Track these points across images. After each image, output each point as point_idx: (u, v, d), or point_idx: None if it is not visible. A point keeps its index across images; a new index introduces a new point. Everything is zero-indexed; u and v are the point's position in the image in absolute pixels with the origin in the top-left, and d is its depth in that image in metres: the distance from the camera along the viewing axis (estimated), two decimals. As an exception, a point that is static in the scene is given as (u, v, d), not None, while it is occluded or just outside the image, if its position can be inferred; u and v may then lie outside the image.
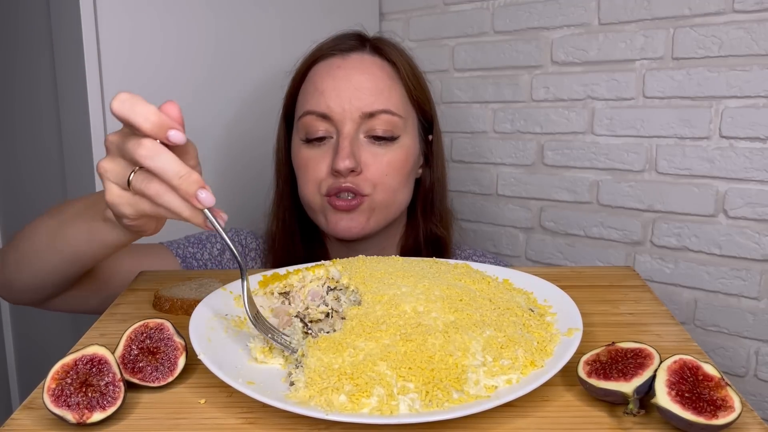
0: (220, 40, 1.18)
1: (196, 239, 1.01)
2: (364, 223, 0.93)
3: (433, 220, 1.01)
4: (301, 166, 0.95)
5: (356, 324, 0.55)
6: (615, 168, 1.19)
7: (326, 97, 0.91)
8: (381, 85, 0.92)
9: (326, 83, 0.91)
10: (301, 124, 0.94)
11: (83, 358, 0.51)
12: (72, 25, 1.02)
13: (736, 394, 0.46)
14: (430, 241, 1.01)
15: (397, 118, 0.92)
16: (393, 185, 0.93)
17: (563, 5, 1.21)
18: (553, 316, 0.61)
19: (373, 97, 0.91)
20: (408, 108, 0.95)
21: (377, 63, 0.94)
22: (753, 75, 1.03)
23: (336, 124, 0.91)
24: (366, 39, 0.97)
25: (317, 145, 0.92)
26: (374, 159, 0.91)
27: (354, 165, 0.89)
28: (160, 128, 0.55)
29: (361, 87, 0.90)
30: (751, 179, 1.05)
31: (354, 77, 0.91)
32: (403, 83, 0.94)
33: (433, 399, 0.48)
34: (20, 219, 1.34)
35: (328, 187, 0.91)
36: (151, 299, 0.73)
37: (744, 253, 1.07)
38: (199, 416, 0.50)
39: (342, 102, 0.90)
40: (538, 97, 1.27)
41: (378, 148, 0.92)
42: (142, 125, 0.55)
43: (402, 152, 0.93)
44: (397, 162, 0.93)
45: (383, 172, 0.92)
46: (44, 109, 1.16)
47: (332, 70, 0.92)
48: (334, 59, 0.94)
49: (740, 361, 1.10)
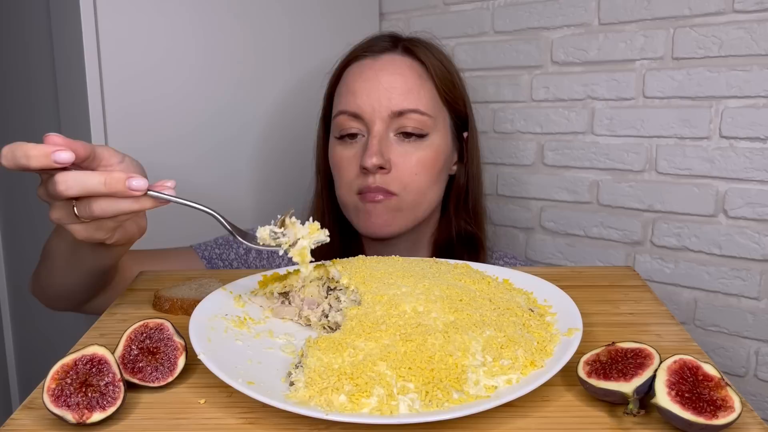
0: (219, 40, 1.18)
1: (224, 240, 1.04)
2: (392, 222, 0.94)
3: (466, 218, 1.02)
4: (335, 164, 0.98)
5: (356, 324, 0.55)
6: (615, 168, 1.19)
7: (357, 97, 0.94)
8: (410, 84, 0.93)
9: (357, 84, 0.95)
10: (335, 123, 0.97)
11: (83, 358, 0.51)
12: (72, 25, 1.02)
13: (736, 394, 0.46)
14: (464, 239, 1.01)
15: (427, 117, 0.94)
16: (422, 185, 0.94)
17: (563, 5, 1.21)
18: (553, 316, 0.61)
19: (403, 96, 0.92)
20: (438, 107, 0.96)
21: (407, 63, 0.95)
22: (753, 75, 1.03)
23: (367, 123, 0.94)
24: (399, 40, 0.99)
25: (350, 142, 0.95)
26: (404, 157, 0.93)
27: (382, 162, 0.91)
28: (45, 158, 0.57)
29: (390, 87, 0.93)
30: (751, 179, 1.05)
31: (384, 78, 0.93)
32: (433, 83, 0.96)
33: (433, 399, 0.48)
34: (20, 220, 1.34)
35: (359, 186, 0.94)
36: (151, 299, 0.73)
37: (744, 253, 1.07)
38: (199, 416, 0.50)
39: (372, 102, 0.93)
40: (538, 97, 1.27)
41: (407, 146, 0.93)
42: (30, 164, 0.57)
43: (432, 151, 0.94)
44: (427, 160, 0.94)
45: (413, 171, 0.93)
46: (44, 109, 1.16)
47: (364, 71, 0.95)
48: (366, 60, 0.96)
49: (740, 361, 1.10)
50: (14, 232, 1.38)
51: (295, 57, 1.29)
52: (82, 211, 0.60)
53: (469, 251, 1.00)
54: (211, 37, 1.16)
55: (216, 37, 1.17)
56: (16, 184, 1.34)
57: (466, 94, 1.01)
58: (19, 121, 1.27)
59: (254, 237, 0.64)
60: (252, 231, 0.67)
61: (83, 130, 1.04)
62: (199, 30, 1.15)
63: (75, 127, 1.07)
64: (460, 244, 1.01)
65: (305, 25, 1.30)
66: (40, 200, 0.63)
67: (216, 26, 1.17)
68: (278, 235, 0.64)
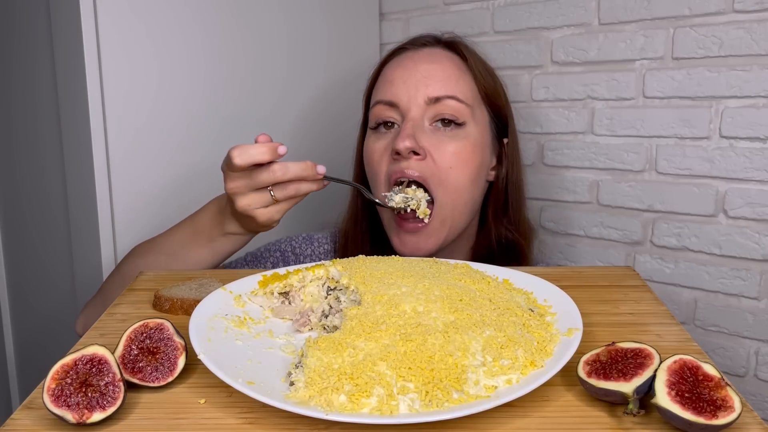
0: (219, 41, 1.18)
1: (252, 256, 1.03)
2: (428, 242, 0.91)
3: (507, 225, 0.97)
4: (368, 158, 0.95)
5: (356, 324, 0.55)
6: (615, 168, 1.19)
7: (395, 85, 0.92)
8: (449, 72, 0.92)
9: (396, 73, 0.93)
10: (371, 114, 0.95)
11: (83, 358, 0.51)
12: (72, 25, 1.02)
13: (736, 394, 0.46)
14: (504, 248, 0.97)
15: (464, 105, 0.91)
16: (459, 182, 0.90)
17: (563, 5, 1.21)
18: (553, 316, 0.61)
19: (440, 83, 0.90)
20: (477, 99, 0.94)
21: (447, 55, 0.94)
22: (753, 75, 1.03)
23: (402, 111, 0.91)
24: (441, 38, 0.98)
25: (384, 132, 0.93)
26: (438, 147, 0.89)
27: (415, 146, 0.87)
28: (273, 152, 0.77)
29: (428, 75, 0.91)
30: (751, 179, 1.05)
31: (422, 66, 0.92)
32: (473, 75, 0.94)
33: (432, 399, 0.48)
34: (20, 220, 1.34)
35: (388, 171, 0.90)
36: (151, 299, 0.73)
37: (744, 253, 1.07)
38: (199, 416, 0.50)
39: (408, 88, 0.91)
40: (538, 97, 1.27)
41: (443, 135, 0.90)
42: (263, 158, 0.77)
43: (468, 142, 0.91)
44: (463, 152, 0.90)
45: (447, 164, 0.89)
46: (44, 109, 1.16)
47: (403, 61, 0.94)
48: (406, 53, 0.96)
49: (740, 361, 1.10)
50: (14, 233, 1.38)
51: (295, 57, 1.29)
52: (280, 194, 0.79)
53: (511, 261, 0.95)
54: (210, 38, 1.16)
55: (215, 37, 1.17)
56: (16, 184, 1.34)
57: (507, 102, 0.99)
58: (18, 121, 1.27)
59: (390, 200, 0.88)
60: (387, 199, 0.89)
61: (83, 130, 1.04)
62: (198, 31, 1.15)
63: (75, 127, 1.07)
64: (500, 254, 0.96)
65: (305, 25, 1.30)
66: (230, 192, 0.80)
67: (215, 27, 1.17)
68: (409, 198, 0.88)
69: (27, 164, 1.27)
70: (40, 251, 1.29)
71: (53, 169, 1.18)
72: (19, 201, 1.34)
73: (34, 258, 1.32)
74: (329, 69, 1.35)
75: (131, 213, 1.09)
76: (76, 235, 1.13)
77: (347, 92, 1.02)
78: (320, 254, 1.03)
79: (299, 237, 1.04)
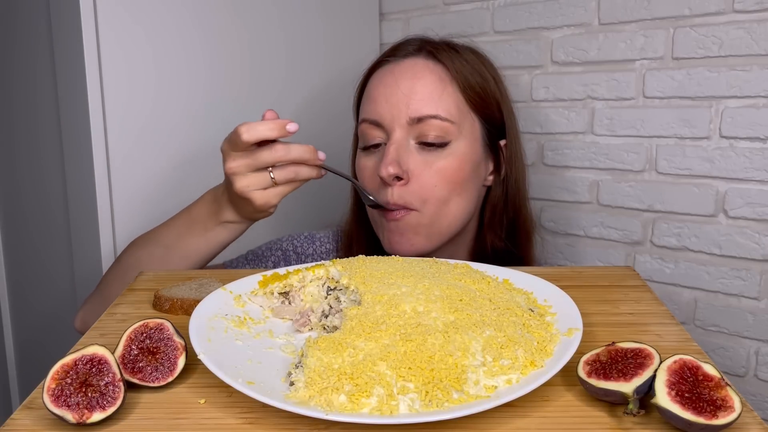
0: (219, 41, 1.18)
1: (253, 254, 1.02)
2: (415, 241, 0.90)
3: (500, 233, 0.96)
4: (359, 175, 0.95)
5: (356, 324, 0.55)
6: (615, 168, 1.19)
7: (377, 104, 0.91)
8: (431, 89, 0.89)
9: (378, 90, 0.92)
10: (359, 132, 0.95)
11: (83, 358, 0.51)
12: (72, 25, 1.02)
13: (736, 394, 0.46)
14: (499, 256, 0.95)
15: (448, 123, 0.88)
16: (443, 196, 0.89)
17: (563, 5, 1.21)
18: (553, 316, 0.61)
19: (423, 102, 0.88)
20: (464, 113, 0.91)
21: (429, 67, 0.91)
22: (753, 75, 1.03)
23: (387, 131, 0.90)
24: (426, 43, 0.94)
25: (373, 152, 0.93)
26: (423, 167, 0.88)
27: (398, 171, 0.87)
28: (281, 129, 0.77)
29: (409, 93, 0.89)
30: (751, 179, 1.05)
31: (403, 83, 0.89)
32: (457, 86, 0.90)
33: (432, 399, 0.48)
34: (20, 220, 1.34)
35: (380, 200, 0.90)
36: (151, 299, 0.73)
37: (744, 253, 1.07)
38: (199, 416, 0.50)
39: (391, 108, 0.89)
40: (538, 97, 1.27)
41: (428, 155, 0.89)
42: (271, 134, 0.77)
43: (454, 159, 0.89)
44: (448, 170, 0.89)
45: (432, 183, 0.88)
46: (44, 109, 1.16)
47: (385, 77, 0.92)
48: (388, 66, 0.93)
49: (740, 361, 1.10)
50: (14, 232, 1.38)
51: (295, 57, 1.29)
52: (280, 175, 0.78)
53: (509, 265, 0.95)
54: (210, 38, 1.16)
55: (215, 37, 1.17)
56: (16, 182, 1.34)
57: (503, 99, 0.96)
58: (18, 121, 1.27)
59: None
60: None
61: (83, 130, 1.04)
62: (198, 31, 1.15)
63: (75, 127, 1.07)
64: (496, 261, 0.93)
65: (305, 25, 1.30)
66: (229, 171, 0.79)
67: (215, 27, 1.17)
68: None
69: (27, 163, 1.27)
70: (40, 250, 1.29)
71: (53, 167, 1.18)
72: (19, 199, 1.34)
73: (34, 257, 1.32)
74: (329, 69, 1.35)
75: (131, 211, 1.09)
76: (75, 233, 1.13)
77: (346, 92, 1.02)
78: (322, 253, 1.02)
79: (301, 236, 1.03)
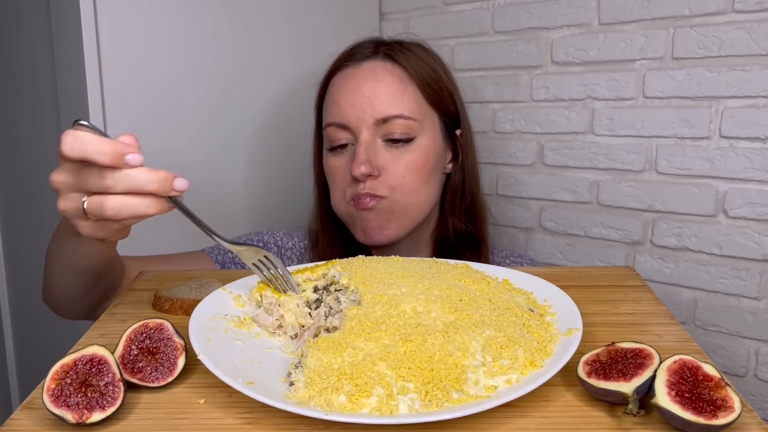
0: (219, 41, 1.18)
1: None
2: (387, 225, 0.95)
3: (462, 216, 1.02)
4: (329, 175, 0.99)
5: (356, 324, 0.55)
6: (615, 168, 1.19)
7: (342, 107, 0.95)
8: (392, 90, 0.94)
9: (341, 94, 0.96)
10: (325, 135, 0.99)
11: (83, 358, 0.51)
12: (72, 25, 1.02)
13: (736, 394, 0.46)
14: (463, 238, 1.02)
15: (412, 121, 0.94)
16: (412, 187, 0.95)
17: (563, 5, 1.21)
18: (553, 316, 0.61)
19: (386, 103, 0.93)
20: (424, 109, 0.96)
21: (388, 68, 0.96)
22: (753, 75, 1.03)
23: (354, 132, 0.95)
24: (381, 45, 0.99)
25: (341, 152, 0.97)
26: (392, 162, 0.94)
27: (370, 170, 0.92)
28: (118, 158, 0.57)
29: (372, 95, 0.93)
30: (751, 179, 1.05)
31: (365, 85, 0.94)
32: (416, 85, 0.96)
33: (432, 399, 0.48)
34: (20, 220, 1.34)
35: (351, 194, 0.95)
36: (151, 299, 0.73)
37: (744, 253, 1.07)
38: (198, 416, 0.50)
39: (356, 111, 0.94)
40: (538, 97, 1.27)
41: (395, 151, 0.94)
42: (100, 160, 0.56)
43: (420, 153, 0.95)
44: (415, 163, 0.95)
45: (401, 175, 0.94)
46: (44, 109, 1.16)
47: (346, 80, 0.96)
48: (348, 69, 0.97)
49: (740, 361, 1.10)
50: (14, 232, 1.38)
51: (295, 57, 1.29)
52: (93, 209, 0.58)
53: (471, 249, 1.01)
54: (210, 37, 1.16)
55: (216, 37, 1.17)
56: (17, 184, 1.34)
57: (455, 91, 1.01)
58: (19, 121, 1.27)
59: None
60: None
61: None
62: (198, 30, 1.15)
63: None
64: (459, 243, 1.01)
65: (305, 25, 1.30)
66: (54, 185, 0.62)
67: (216, 26, 1.17)
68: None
69: (27, 163, 1.27)
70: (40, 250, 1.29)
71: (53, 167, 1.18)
72: (19, 200, 1.34)
73: (34, 257, 1.32)
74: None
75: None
76: (76, 235, 1.13)
77: (347, 92, 1.03)
78: (301, 249, 1.06)
79: (279, 232, 1.08)
